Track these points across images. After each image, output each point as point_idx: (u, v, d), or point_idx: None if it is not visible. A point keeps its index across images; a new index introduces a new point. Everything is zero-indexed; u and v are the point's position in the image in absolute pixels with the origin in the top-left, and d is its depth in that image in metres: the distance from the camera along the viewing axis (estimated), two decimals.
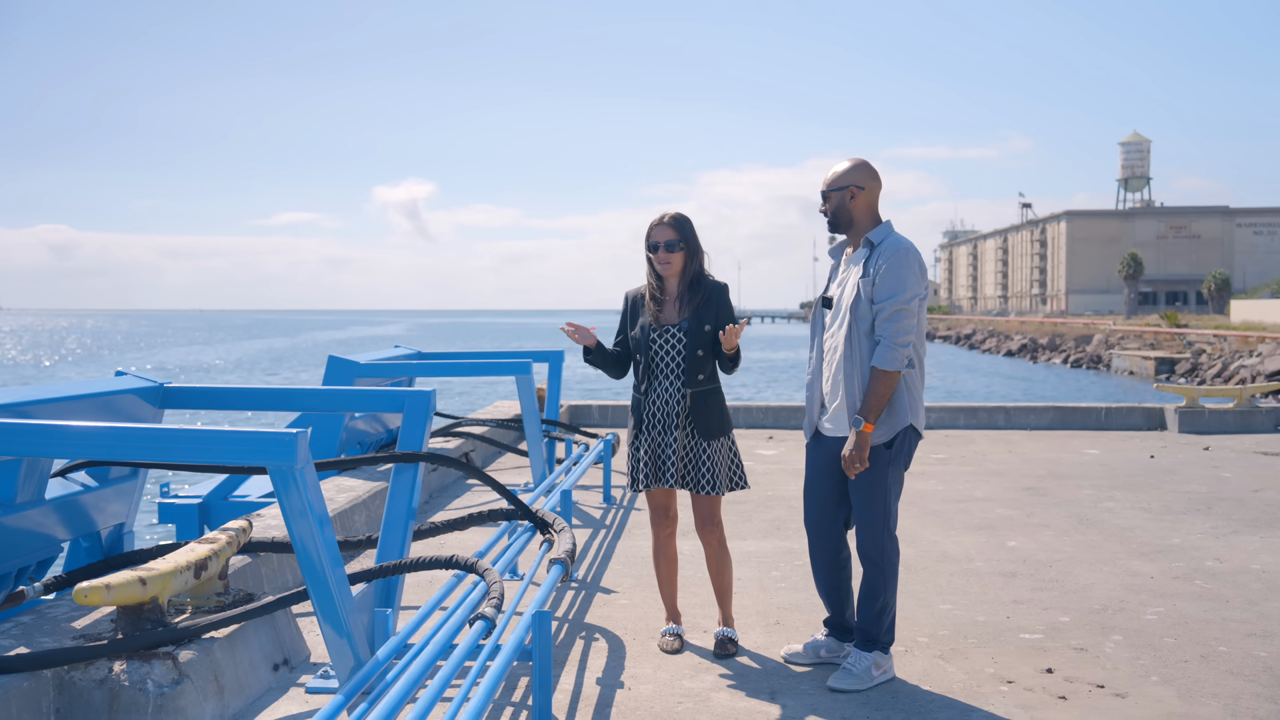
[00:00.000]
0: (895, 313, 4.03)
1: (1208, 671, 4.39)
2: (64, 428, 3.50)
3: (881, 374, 4.03)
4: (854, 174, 4.22)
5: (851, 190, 4.21)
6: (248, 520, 4.65)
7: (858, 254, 4.23)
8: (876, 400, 4.03)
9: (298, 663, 4.43)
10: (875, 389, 4.03)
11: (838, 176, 4.23)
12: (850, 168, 4.23)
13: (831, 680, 4.07)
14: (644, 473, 4.60)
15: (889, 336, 4.03)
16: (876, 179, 4.25)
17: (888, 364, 4.02)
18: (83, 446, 3.54)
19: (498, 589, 3.99)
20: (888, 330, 4.03)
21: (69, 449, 3.56)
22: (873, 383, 4.04)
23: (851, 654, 4.18)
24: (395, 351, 9.25)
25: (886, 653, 4.17)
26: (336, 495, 6.85)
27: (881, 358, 4.02)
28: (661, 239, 4.55)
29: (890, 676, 4.16)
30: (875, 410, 4.03)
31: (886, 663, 4.16)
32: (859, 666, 4.09)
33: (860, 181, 4.21)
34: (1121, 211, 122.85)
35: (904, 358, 4.03)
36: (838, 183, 4.23)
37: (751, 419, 13.26)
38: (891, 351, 4.01)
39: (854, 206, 4.22)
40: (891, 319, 4.03)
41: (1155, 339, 51.61)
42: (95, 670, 3.63)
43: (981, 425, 13.04)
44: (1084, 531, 7.07)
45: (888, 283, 4.05)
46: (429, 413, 4.77)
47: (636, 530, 7.16)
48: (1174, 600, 5.42)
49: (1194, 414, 12.49)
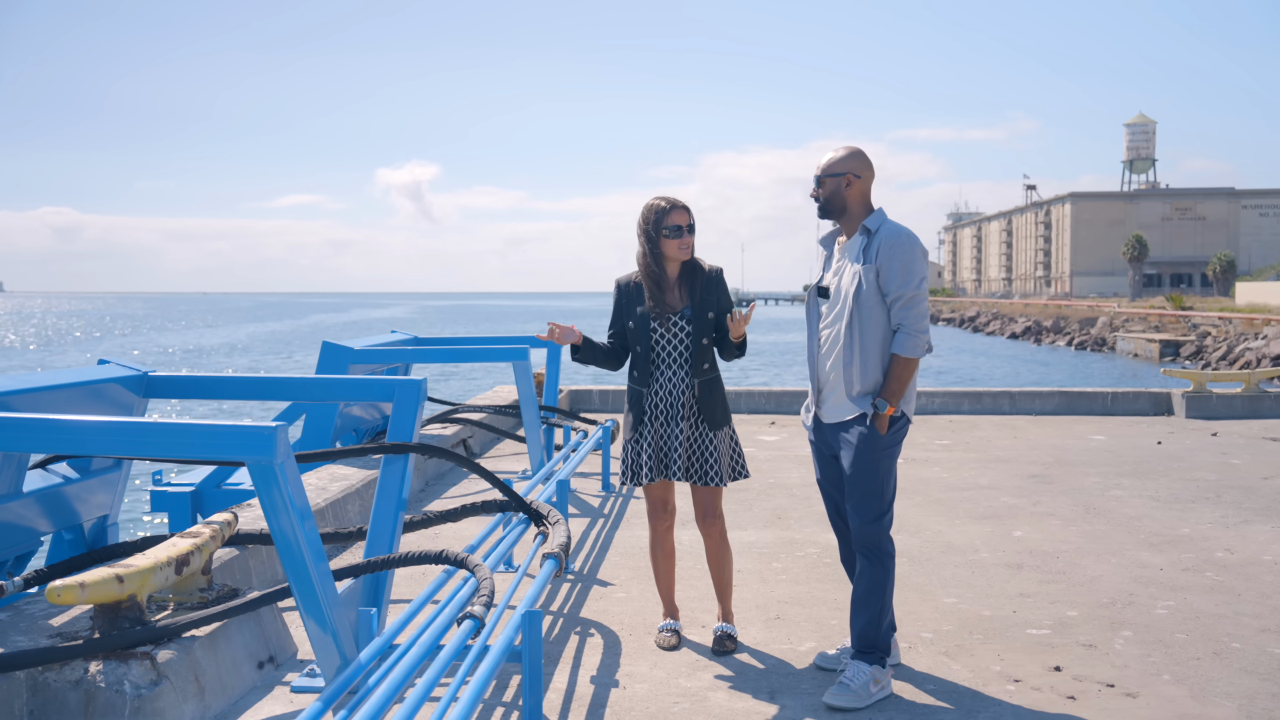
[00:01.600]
0: (911, 299, 3.99)
1: (1221, 669, 4.26)
2: (33, 421, 3.37)
3: (904, 361, 4.00)
4: (850, 161, 4.12)
5: (848, 178, 4.11)
6: (232, 513, 4.52)
7: (853, 242, 4.11)
8: (899, 385, 4.01)
9: (284, 660, 4.31)
10: (898, 374, 4.01)
11: (834, 163, 4.13)
12: (847, 155, 4.12)
13: (828, 696, 3.91)
14: (648, 466, 4.47)
15: (909, 324, 4.00)
16: (871, 167, 4.17)
17: (911, 351, 4.00)
18: (54, 440, 3.40)
19: (488, 586, 3.86)
20: (907, 317, 4.00)
21: (40, 443, 3.43)
22: (894, 368, 4.01)
23: (849, 666, 4.02)
24: (391, 337, 9.11)
25: (885, 666, 4.03)
26: (330, 484, 6.73)
27: (903, 345, 4.00)
28: (683, 222, 4.43)
29: (888, 693, 4.00)
30: (898, 395, 4.02)
31: (885, 678, 4.00)
32: (857, 681, 3.94)
33: (857, 169, 4.12)
34: (1126, 193, 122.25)
35: (925, 343, 4.02)
36: (834, 169, 4.12)
37: (754, 404, 13.13)
38: (913, 339, 3.99)
39: (849, 194, 4.12)
40: (908, 306, 3.99)
41: (1160, 321, 51.38)
42: (71, 671, 3.51)
43: (986, 410, 12.90)
44: (1091, 521, 6.94)
45: (898, 270, 3.99)
46: (419, 401, 4.64)
47: (635, 520, 7.03)
48: (1185, 593, 5.29)
49: (1201, 399, 12.34)
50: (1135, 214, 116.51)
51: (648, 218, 4.44)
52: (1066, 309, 67.07)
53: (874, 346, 4.03)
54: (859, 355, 4.02)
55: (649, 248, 4.44)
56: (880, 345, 4.03)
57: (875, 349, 4.03)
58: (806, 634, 4.72)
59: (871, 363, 4.03)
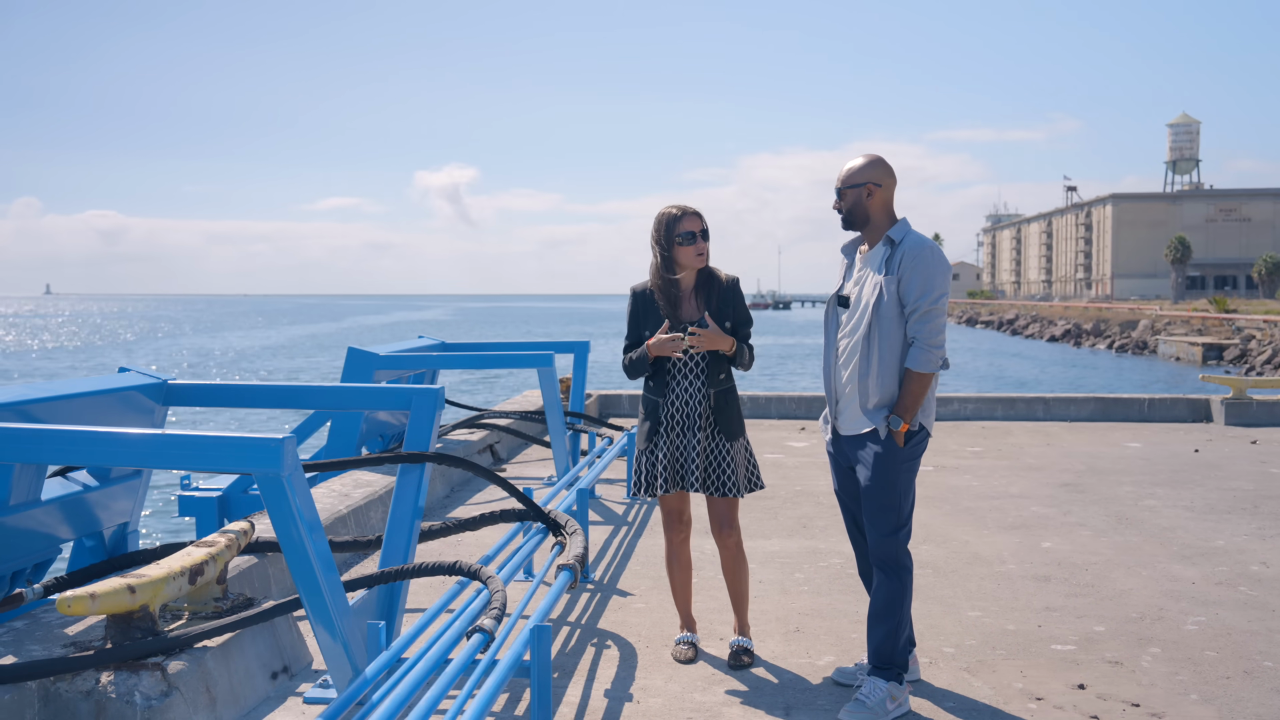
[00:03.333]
0: (927, 313, 3.92)
1: (1251, 689, 4.14)
2: (43, 432, 3.38)
3: (918, 376, 3.92)
4: (871, 170, 4.04)
5: (869, 188, 4.03)
6: (249, 521, 4.53)
7: (875, 252, 4.04)
8: (913, 401, 3.94)
9: (298, 670, 4.31)
10: (911, 389, 3.93)
11: (854, 173, 4.05)
12: (867, 164, 4.04)
13: (843, 713, 3.84)
14: (664, 477, 4.42)
15: (924, 338, 3.92)
16: (892, 175, 4.07)
17: (924, 366, 3.91)
18: (66, 452, 3.42)
19: (500, 598, 3.83)
20: (922, 331, 3.92)
21: (51, 454, 3.44)
22: (908, 384, 3.93)
23: (865, 682, 3.95)
24: (418, 342, 9.12)
25: (902, 683, 3.95)
26: (353, 491, 6.73)
27: (917, 360, 3.92)
28: (696, 228, 4.38)
29: (905, 710, 3.93)
30: (911, 410, 3.94)
31: (902, 695, 3.93)
32: (874, 698, 3.87)
33: (877, 179, 4.03)
34: (1169, 194, 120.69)
35: (939, 359, 3.94)
36: (854, 179, 4.04)
37: (784, 409, 13.03)
38: (926, 353, 3.91)
39: (871, 204, 4.04)
40: (924, 319, 3.92)
41: (1203, 324, 50.63)
42: (82, 681, 3.52)
43: (1020, 416, 12.73)
44: (1123, 532, 6.81)
45: (917, 282, 3.91)
46: (436, 410, 4.62)
47: (659, 528, 6.98)
48: (1216, 609, 5.16)
49: (1241, 406, 12.10)
50: (1178, 215, 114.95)
51: (659, 227, 4.39)
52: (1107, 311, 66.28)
53: (892, 359, 3.96)
54: (876, 367, 3.95)
55: (663, 258, 4.39)
56: (898, 358, 3.96)
57: (893, 362, 3.96)
58: (826, 647, 4.65)
59: (889, 376, 3.96)
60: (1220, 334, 46.89)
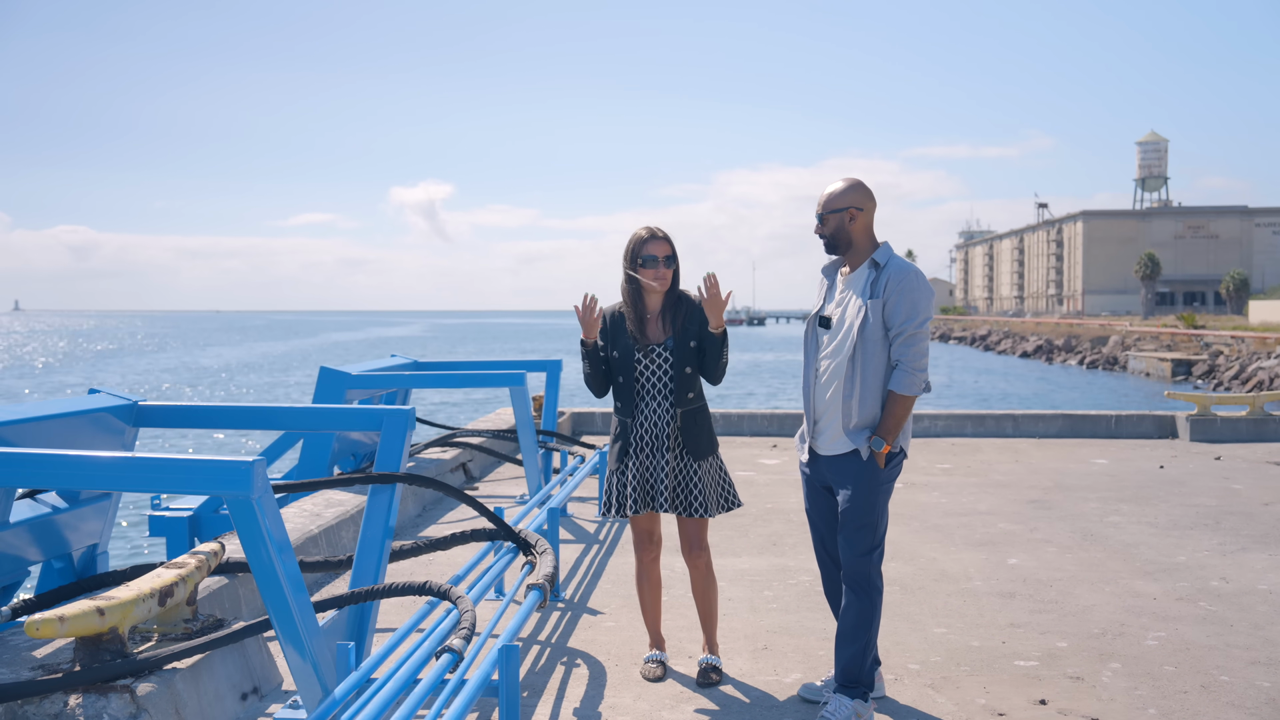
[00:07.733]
0: (911, 337, 3.98)
1: (1207, 704, 4.23)
2: (14, 455, 3.39)
3: (901, 398, 3.99)
4: (852, 195, 4.10)
5: (851, 212, 4.10)
6: (220, 542, 4.54)
7: (858, 275, 4.10)
8: (895, 423, 4.00)
9: (268, 691, 4.32)
10: (894, 412, 4.00)
11: (835, 197, 4.11)
12: (847, 188, 4.11)
13: None
14: (634, 497, 4.46)
15: (907, 361, 3.98)
16: (873, 199, 4.15)
17: (908, 389, 3.98)
18: (33, 475, 3.43)
19: (469, 618, 3.86)
20: (906, 354, 3.98)
21: (20, 477, 3.46)
22: (891, 406, 4.00)
23: (831, 699, 4.01)
24: (391, 361, 9.14)
25: (867, 700, 4.02)
26: (325, 510, 6.74)
27: (900, 383, 3.98)
28: (660, 253, 4.43)
29: None
30: (894, 433, 4.00)
31: (867, 712, 3.99)
32: (839, 715, 3.93)
33: (859, 203, 4.10)
34: (1138, 211, 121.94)
35: (922, 382, 4.00)
36: (836, 204, 4.10)
37: (756, 426, 13.11)
38: (910, 376, 3.98)
39: (853, 228, 4.11)
40: (909, 343, 3.98)
41: (1172, 340, 51.20)
42: (50, 704, 3.52)
43: (989, 433, 12.86)
44: (1087, 548, 6.90)
45: (903, 306, 3.98)
46: (407, 431, 4.66)
47: (629, 546, 7.02)
48: (1176, 624, 5.26)
49: (1206, 422, 12.28)
50: (1148, 232, 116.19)
51: (629, 247, 4.46)
52: (1078, 327, 66.89)
53: (875, 381, 4.02)
54: (859, 389, 4.01)
55: (627, 276, 4.46)
56: (881, 380, 4.02)
57: (876, 384, 4.02)
58: (793, 665, 4.71)
59: (871, 397, 4.02)
60: (1189, 349, 47.44)
